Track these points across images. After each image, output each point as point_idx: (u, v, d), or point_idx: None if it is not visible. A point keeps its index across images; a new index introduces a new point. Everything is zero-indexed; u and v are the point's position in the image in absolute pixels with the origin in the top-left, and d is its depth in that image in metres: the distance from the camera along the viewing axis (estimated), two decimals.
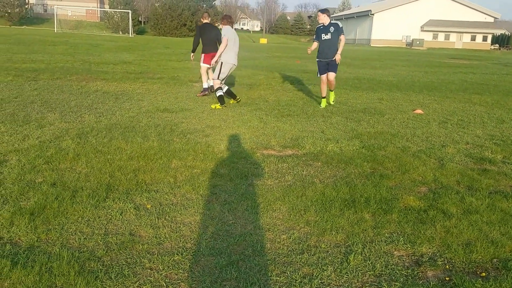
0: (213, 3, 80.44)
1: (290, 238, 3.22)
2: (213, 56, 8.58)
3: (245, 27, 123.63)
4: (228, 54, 8.23)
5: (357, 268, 2.86)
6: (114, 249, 2.95)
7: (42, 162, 4.53)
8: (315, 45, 8.65)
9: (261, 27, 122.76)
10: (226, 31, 8.16)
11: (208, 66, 9.29)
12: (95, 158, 4.78)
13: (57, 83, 9.74)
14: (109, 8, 68.12)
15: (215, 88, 8.46)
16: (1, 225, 3.18)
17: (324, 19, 8.40)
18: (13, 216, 3.30)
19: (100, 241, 3.05)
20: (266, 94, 10.06)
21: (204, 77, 9.58)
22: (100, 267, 2.72)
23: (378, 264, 2.91)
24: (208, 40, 9.33)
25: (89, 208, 3.54)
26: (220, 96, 8.28)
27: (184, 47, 29.19)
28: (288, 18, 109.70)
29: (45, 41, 26.85)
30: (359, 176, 4.63)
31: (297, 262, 2.89)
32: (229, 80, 10.69)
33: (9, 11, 61.17)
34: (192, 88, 10.58)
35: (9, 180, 4.00)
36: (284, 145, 5.75)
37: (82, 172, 4.34)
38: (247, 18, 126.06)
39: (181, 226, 3.34)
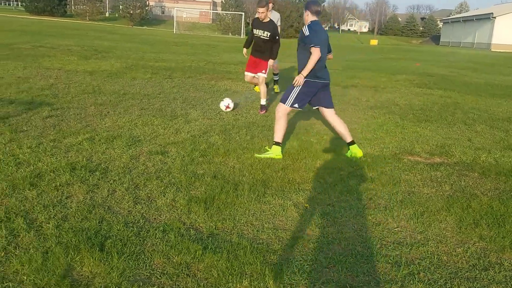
0: (322, 4, 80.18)
1: (466, 252, 3.03)
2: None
3: (352, 28, 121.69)
4: None
5: None
6: (287, 244, 3.00)
7: (198, 155, 4.78)
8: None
9: (369, 28, 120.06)
10: None
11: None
12: (243, 154, 4.94)
13: (190, 82, 10.28)
14: (221, 10, 70.92)
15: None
16: (181, 211, 3.40)
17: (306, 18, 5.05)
18: (189, 203, 3.52)
19: (272, 235, 3.13)
20: (395, 97, 9.71)
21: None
22: (280, 260, 2.78)
23: None
24: None
25: (252, 202, 3.66)
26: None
27: (292, 49, 29.36)
28: (399, 19, 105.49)
29: (167, 42, 28.55)
30: None
31: (482, 278, 2.71)
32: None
33: (131, 12, 66.04)
34: None
35: (175, 170, 4.27)
36: (431, 152, 5.48)
37: (235, 167, 4.51)
38: (355, 19, 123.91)
39: (345, 228, 3.31)
